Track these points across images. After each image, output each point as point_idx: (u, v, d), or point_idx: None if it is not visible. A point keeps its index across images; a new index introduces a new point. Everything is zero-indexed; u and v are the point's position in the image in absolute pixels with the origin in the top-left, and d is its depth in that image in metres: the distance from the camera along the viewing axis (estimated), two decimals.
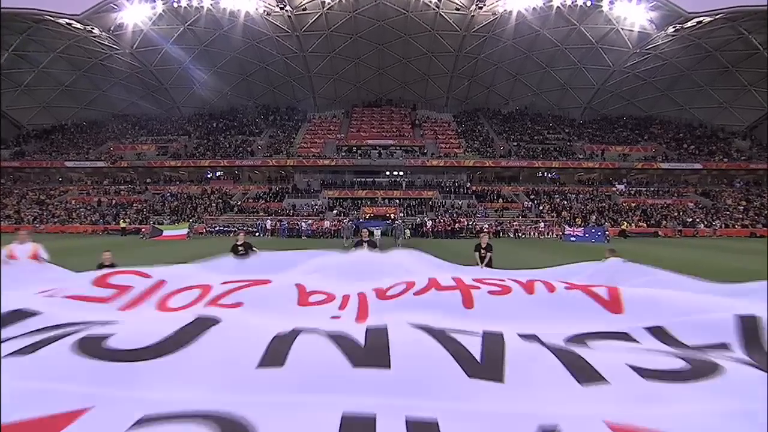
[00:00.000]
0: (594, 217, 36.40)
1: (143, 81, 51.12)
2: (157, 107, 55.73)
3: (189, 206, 39.22)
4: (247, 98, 58.23)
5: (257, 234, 31.55)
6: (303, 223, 29.31)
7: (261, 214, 38.74)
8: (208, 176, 47.35)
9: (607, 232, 25.45)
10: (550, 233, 31.76)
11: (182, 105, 56.02)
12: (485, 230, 29.50)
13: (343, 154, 46.63)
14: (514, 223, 32.93)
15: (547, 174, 47.59)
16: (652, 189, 42.79)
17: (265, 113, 57.21)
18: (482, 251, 9.12)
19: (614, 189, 43.26)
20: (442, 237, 29.58)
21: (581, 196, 42.15)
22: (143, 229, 29.19)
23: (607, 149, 46.64)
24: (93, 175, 45.40)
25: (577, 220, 35.35)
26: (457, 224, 29.58)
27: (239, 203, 40.61)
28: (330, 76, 55.18)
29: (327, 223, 31.71)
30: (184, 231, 27.29)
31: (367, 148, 47.31)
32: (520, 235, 30.17)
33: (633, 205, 39.23)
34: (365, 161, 45.09)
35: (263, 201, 41.77)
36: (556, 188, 44.38)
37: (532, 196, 42.55)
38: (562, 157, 45.77)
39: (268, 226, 29.63)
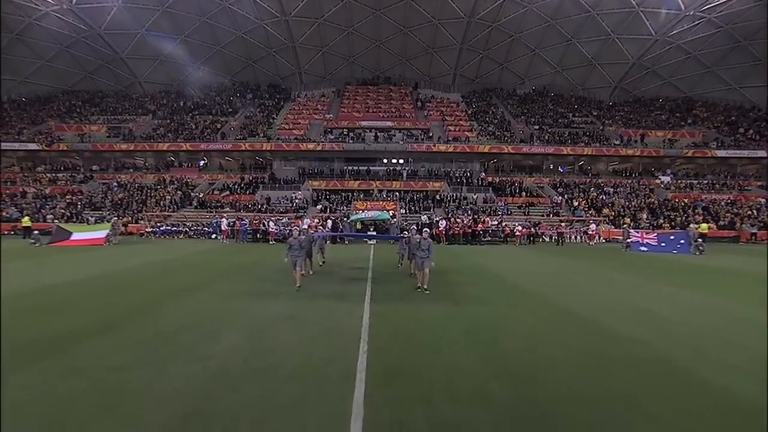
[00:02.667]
0: (645, 215, 28.94)
1: (94, 49, 42.85)
2: (115, 82, 47.58)
3: (138, 199, 31.36)
4: (223, 73, 50.23)
5: (213, 236, 23.85)
6: (271, 223, 21.69)
7: (227, 209, 30.99)
8: (174, 163, 39.49)
9: (696, 240, 18.01)
10: (597, 237, 24.26)
11: (144, 80, 47.88)
12: (518, 233, 21.99)
13: (332, 137, 38.81)
14: (561, 225, 25.25)
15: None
16: (705, 181, 35.35)
17: (243, 91, 49.14)
18: None
19: (658, 181, 35.80)
20: (460, 242, 22.06)
21: (621, 189, 34.65)
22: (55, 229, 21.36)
23: (646, 134, 39.12)
24: (27, 159, 37.35)
25: (625, 220, 27.87)
26: (479, 225, 22.06)
27: (201, 195, 32.78)
28: (318, 47, 47.16)
29: (306, 222, 24.05)
30: (102, 233, 19.58)
31: (360, 131, 39.54)
32: (562, 240, 22.60)
33: (686, 201, 31.78)
34: (358, 145, 37.36)
35: (231, 193, 33.96)
36: (588, 180, 36.85)
37: (560, 189, 35.04)
38: (594, 142, 38.19)
39: (224, 227, 21.98)
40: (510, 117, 44.22)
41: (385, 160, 39.10)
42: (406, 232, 17.62)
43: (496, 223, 23.97)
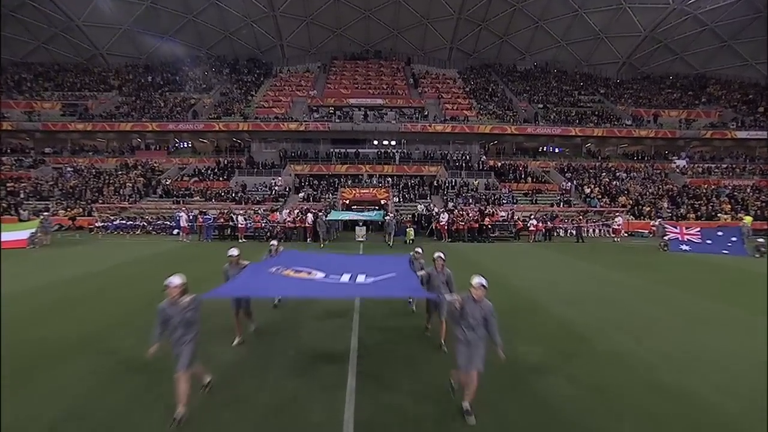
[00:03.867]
0: (665, 204, 26.03)
1: (44, 14, 37.83)
2: (74, 54, 42.58)
3: (93, 187, 27.39)
4: (197, 46, 45.44)
5: (176, 232, 20.23)
6: (240, 218, 18.10)
7: (196, 198, 27.28)
8: (140, 146, 35.30)
9: (748, 234, 15.05)
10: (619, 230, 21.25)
11: (107, 52, 42.96)
12: (532, 228, 18.86)
13: (317, 116, 34.94)
14: (579, 218, 22.05)
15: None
16: (724, 165, 32.53)
17: (218, 66, 44.58)
18: None
19: (674, 165, 32.88)
20: (464, 239, 18.83)
21: (635, 174, 31.67)
22: None
23: (658, 114, 35.99)
24: None
25: (645, 209, 24.93)
26: (487, 218, 18.80)
27: (168, 182, 28.91)
28: (301, 17, 42.70)
29: (284, 214, 20.63)
30: (25, 234, 15.87)
31: (348, 109, 35.70)
32: (582, 236, 19.42)
33: (706, 188, 28.93)
34: (346, 125, 33.62)
35: (203, 179, 30.16)
36: (597, 164, 33.77)
37: (568, 174, 31.91)
38: (604, 122, 34.99)
39: (183, 222, 18.33)
40: (511, 95, 40.69)
41: (375, 142, 35.46)
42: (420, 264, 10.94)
43: (504, 215, 20.73)
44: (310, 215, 18.31)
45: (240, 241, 18.50)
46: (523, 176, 31.67)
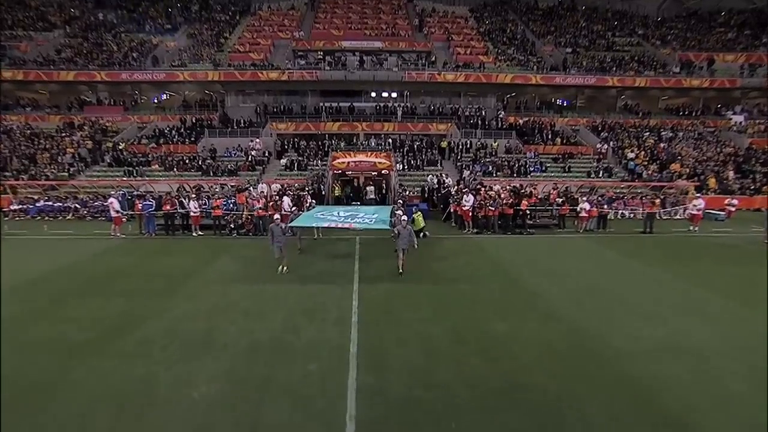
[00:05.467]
0: (731, 173, 21.15)
1: None
2: None
3: (24, 153, 22.08)
4: None
5: (124, 218, 15.25)
6: (193, 203, 13.10)
7: (155, 168, 22.16)
8: (90, 101, 29.40)
9: None
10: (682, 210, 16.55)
11: None
12: (584, 214, 14.12)
13: (303, 62, 28.90)
14: (639, 198, 16.98)
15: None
16: None
17: (186, 1, 37.39)
18: None
19: (729, 121, 27.61)
20: (495, 229, 14.12)
21: (683, 134, 26.50)
22: None
23: (712, 59, 30.06)
24: None
25: (711, 182, 20.06)
26: (524, 201, 13.91)
27: (121, 147, 23.58)
28: None
29: (254, 193, 15.75)
30: None
31: (340, 54, 29.57)
32: (651, 224, 14.49)
33: None
34: (338, 74, 27.78)
35: (164, 143, 24.82)
36: (637, 121, 28.45)
37: (603, 134, 26.70)
38: (646, 69, 29.20)
39: (116, 209, 13.26)
40: (533, 37, 34.30)
41: (373, 94, 29.78)
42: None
43: (546, 194, 15.79)
44: (287, 199, 13.39)
45: (195, 234, 13.71)
46: (549, 136, 26.43)
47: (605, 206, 14.60)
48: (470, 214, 13.96)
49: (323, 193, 18.85)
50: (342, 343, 6.39)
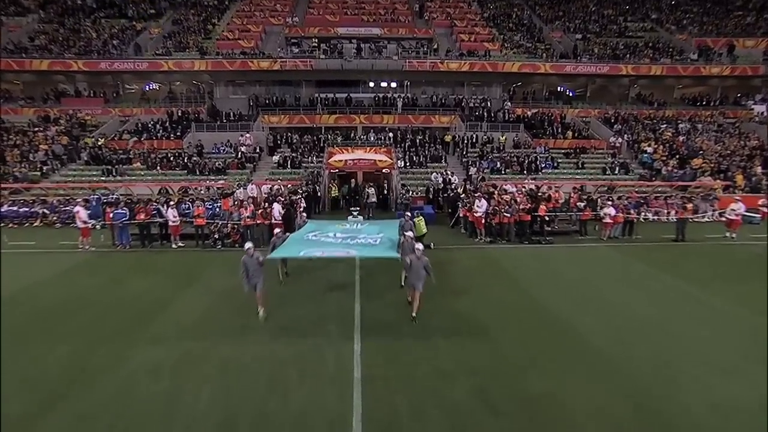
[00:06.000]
0: (758, 167, 19.63)
1: None
2: None
3: None
4: None
5: (97, 226, 13.60)
6: (170, 211, 11.51)
7: (136, 166, 20.48)
8: (68, 92, 27.45)
9: None
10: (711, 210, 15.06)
11: None
12: (609, 220, 12.64)
13: (297, 50, 27.02)
14: (685, 207, 14.89)
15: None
16: None
17: None
18: None
19: (751, 111, 26.04)
20: (511, 237, 12.63)
21: (702, 125, 24.94)
22: None
23: (730, 43, 28.33)
24: None
25: (738, 179, 18.55)
26: (543, 205, 12.35)
27: (100, 143, 21.82)
28: None
29: (240, 194, 14.17)
30: None
31: (337, 42, 27.69)
32: (683, 231, 12.92)
33: None
34: (334, 62, 25.96)
35: (148, 138, 23.07)
36: (652, 112, 26.84)
37: (617, 126, 25.10)
38: (662, 57, 27.49)
39: (81, 222, 11.55)
40: (540, 23, 32.40)
41: (371, 84, 27.96)
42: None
43: (566, 197, 14.24)
44: (277, 206, 11.80)
45: (174, 246, 12.13)
46: (559, 130, 24.79)
47: (632, 211, 13.06)
48: (483, 221, 12.42)
49: (319, 194, 17.25)
50: (342, 412, 4.94)
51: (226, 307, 7.99)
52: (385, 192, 17.58)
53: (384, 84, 27.88)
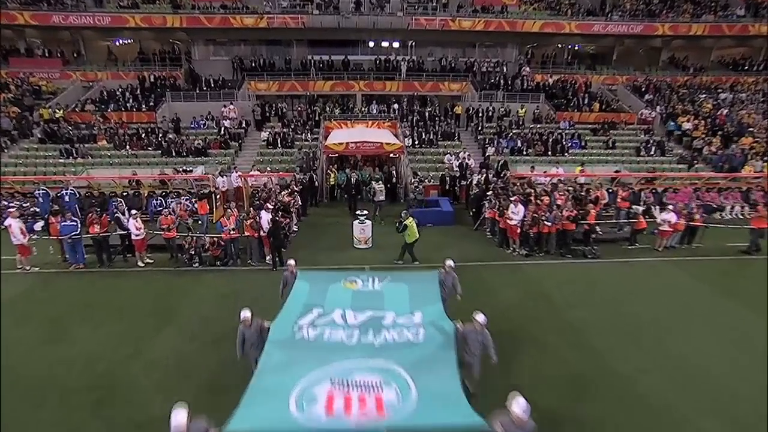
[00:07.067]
0: None
1: None
2: None
3: None
4: None
5: (40, 226, 11.08)
6: (134, 222, 9.15)
7: (102, 145, 17.61)
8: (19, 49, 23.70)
9: None
10: None
11: None
12: (668, 228, 10.42)
13: (285, 5, 23.28)
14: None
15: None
16: None
17: None
18: None
19: None
20: (550, 249, 10.44)
21: (744, 95, 22.23)
22: None
23: None
24: None
25: None
26: (590, 210, 10.10)
27: (58, 116, 18.72)
28: None
29: (233, 177, 11.65)
30: None
31: None
32: (759, 242, 10.61)
33: None
34: (329, 19, 22.38)
35: (116, 108, 19.97)
36: (689, 78, 23.95)
37: (648, 96, 22.33)
38: (703, 12, 24.18)
39: (15, 237, 9.19)
40: None
41: (372, 45, 24.47)
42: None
43: (610, 197, 11.82)
44: (265, 215, 9.39)
45: (141, 264, 9.78)
46: (585, 100, 21.96)
47: (697, 217, 10.81)
48: (519, 230, 10.15)
49: (316, 183, 14.74)
50: None
51: (213, 361, 5.83)
52: (394, 180, 15.04)
53: (385, 43, 24.44)
